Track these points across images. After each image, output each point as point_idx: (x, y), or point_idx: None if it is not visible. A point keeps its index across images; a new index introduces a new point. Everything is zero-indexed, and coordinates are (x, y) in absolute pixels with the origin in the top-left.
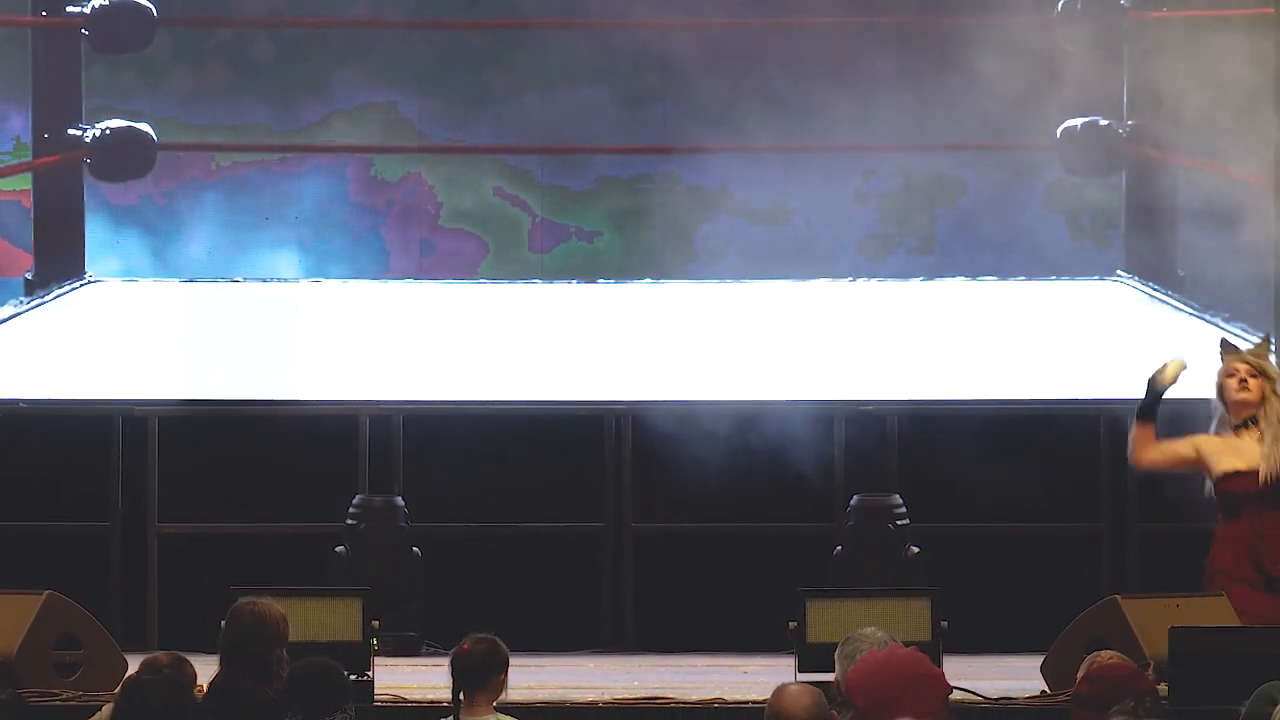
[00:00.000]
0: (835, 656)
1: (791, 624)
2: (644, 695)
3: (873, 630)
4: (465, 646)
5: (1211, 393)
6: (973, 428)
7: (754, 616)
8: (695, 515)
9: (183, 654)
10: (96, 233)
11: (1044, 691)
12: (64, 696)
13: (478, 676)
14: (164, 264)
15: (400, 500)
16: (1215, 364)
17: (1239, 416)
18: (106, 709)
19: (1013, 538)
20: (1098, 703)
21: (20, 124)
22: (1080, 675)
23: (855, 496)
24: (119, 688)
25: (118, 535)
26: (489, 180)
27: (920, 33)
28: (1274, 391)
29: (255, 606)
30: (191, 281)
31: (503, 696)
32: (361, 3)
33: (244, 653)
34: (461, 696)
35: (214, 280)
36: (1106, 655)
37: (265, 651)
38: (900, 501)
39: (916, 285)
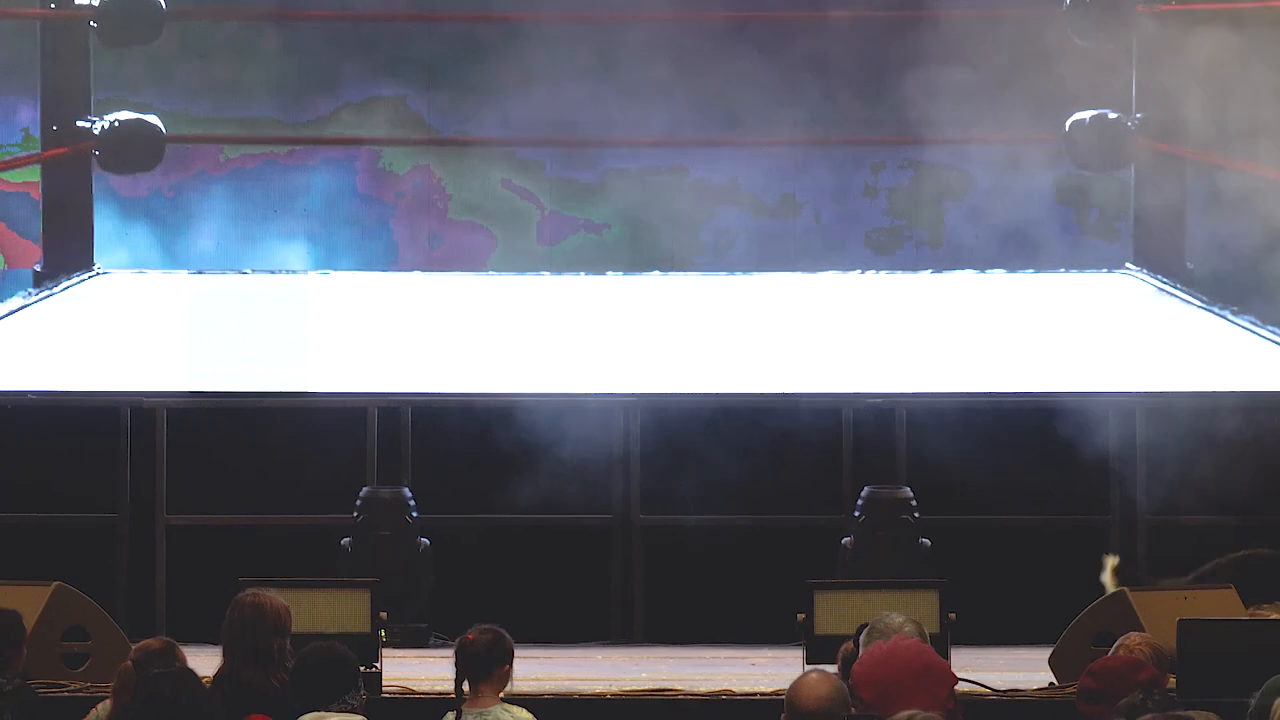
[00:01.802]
0: (860, 642)
1: (800, 616)
2: (652, 687)
3: (899, 618)
4: (470, 637)
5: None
6: (981, 420)
7: (762, 609)
8: (703, 508)
9: (173, 640)
10: (105, 225)
11: (1052, 683)
12: (72, 687)
13: (482, 667)
14: (172, 256)
15: (408, 492)
16: (1224, 354)
17: None
18: (103, 706)
19: (1021, 530)
20: (1100, 696)
21: (29, 116)
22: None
23: (866, 489)
24: (117, 680)
25: (126, 526)
26: (497, 173)
27: (931, 26)
28: None
29: (256, 597)
30: (200, 273)
31: (508, 688)
32: None
33: (246, 643)
34: (466, 687)
35: (222, 272)
36: (1136, 639)
37: (267, 641)
38: (911, 494)
39: (925, 278)
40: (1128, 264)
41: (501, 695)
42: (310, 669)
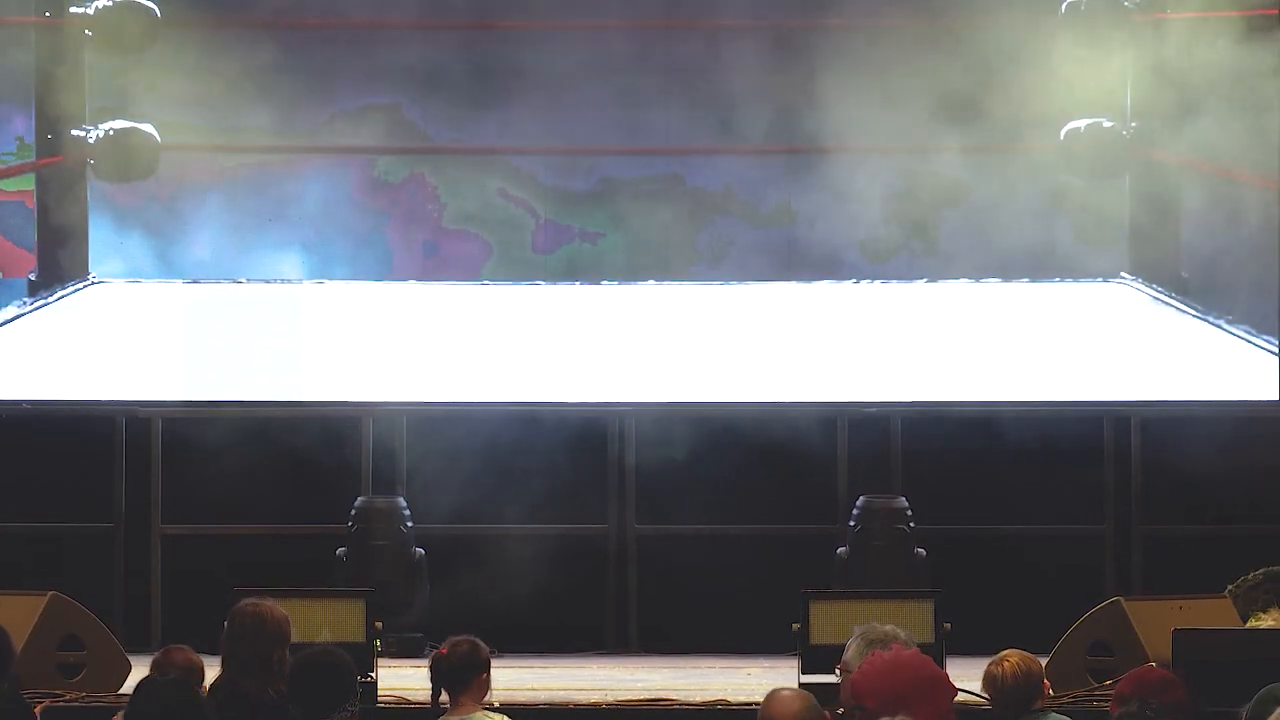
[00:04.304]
0: (852, 652)
1: (795, 626)
2: (647, 697)
3: (890, 626)
4: (444, 651)
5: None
6: (976, 429)
7: (757, 618)
8: (698, 517)
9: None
10: (100, 234)
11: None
12: (67, 697)
13: (460, 678)
14: (167, 265)
15: (403, 501)
16: (1219, 363)
17: None
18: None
19: (1016, 539)
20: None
21: (24, 125)
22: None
23: (861, 498)
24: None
25: (121, 536)
26: (492, 182)
27: (926, 33)
28: None
29: (256, 607)
30: (195, 283)
31: (487, 697)
32: (365, 4)
33: (245, 653)
34: (446, 700)
35: (217, 281)
36: (1012, 655)
37: (266, 652)
38: (907, 504)
39: (920, 287)
40: (1123, 273)
41: (497, 705)
42: (309, 675)
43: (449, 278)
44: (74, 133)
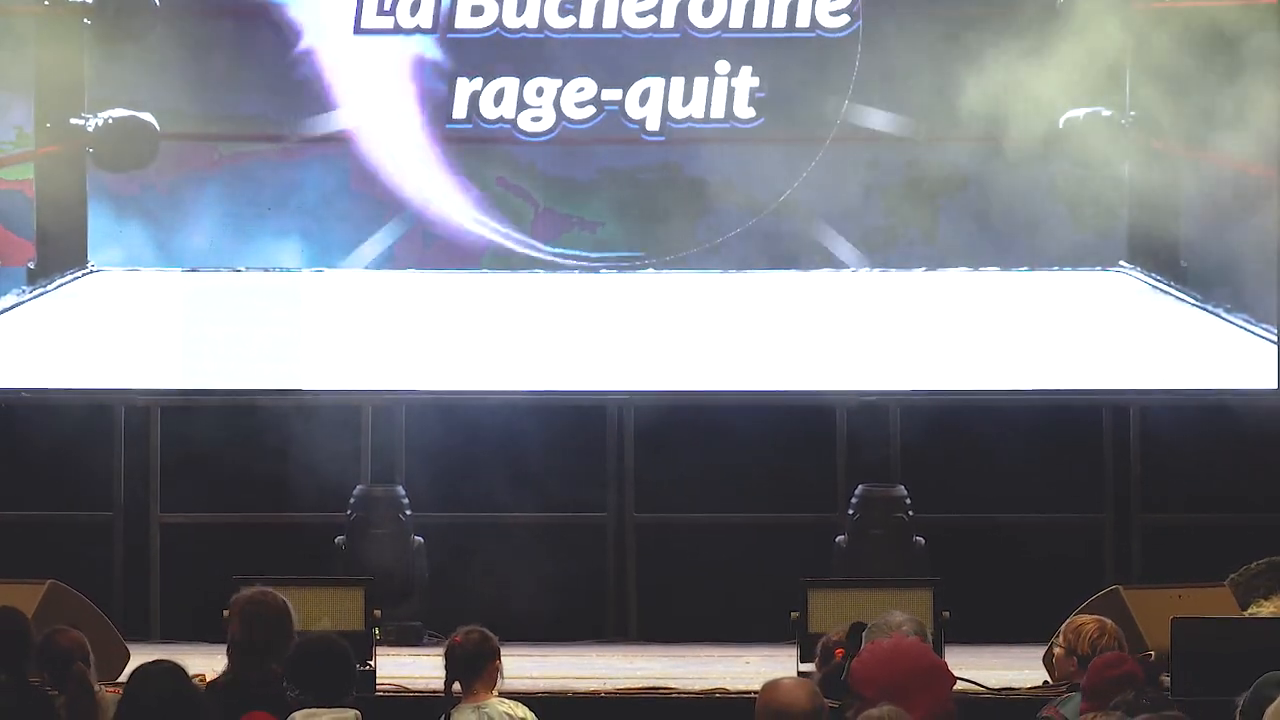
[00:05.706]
0: (864, 639)
1: (793, 614)
2: (646, 685)
3: (900, 616)
4: (457, 639)
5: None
6: (975, 418)
7: (756, 607)
8: (697, 505)
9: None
10: (99, 222)
11: (1045, 682)
12: None
13: (473, 666)
14: (166, 253)
15: (402, 490)
16: (1217, 352)
17: None
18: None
19: (1015, 528)
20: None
21: (23, 113)
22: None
23: (859, 487)
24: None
25: (120, 524)
26: (491, 170)
27: (924, 22)
28: None
29: (260, 596)
30: (194, 271)
31: (499, 683)
32: None
33: (249, 643)
34: (460, 688)
35: (216, 270)
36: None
37: (268, 641)
38: (905, 493)
39: (919, 276)
40: (1121, 262)
41: (495, 691)
42: (311, 661)
43: (448, 266)
44: (73, 121)
